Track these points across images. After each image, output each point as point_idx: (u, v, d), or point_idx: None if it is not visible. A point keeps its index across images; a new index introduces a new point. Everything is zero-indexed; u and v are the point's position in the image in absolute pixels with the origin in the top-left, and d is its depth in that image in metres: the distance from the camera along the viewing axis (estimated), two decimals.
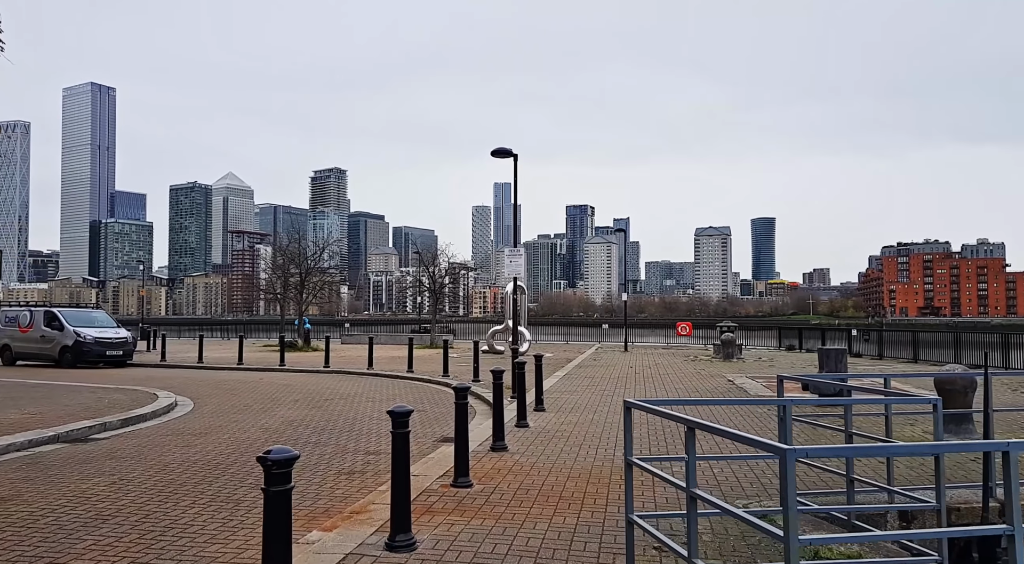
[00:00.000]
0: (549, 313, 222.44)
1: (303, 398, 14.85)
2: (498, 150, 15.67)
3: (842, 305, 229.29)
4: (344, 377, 19.88)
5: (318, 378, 19.58)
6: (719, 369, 21.32)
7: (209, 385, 17.50)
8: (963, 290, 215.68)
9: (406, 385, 17.63)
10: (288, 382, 18.30)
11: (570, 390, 15.42)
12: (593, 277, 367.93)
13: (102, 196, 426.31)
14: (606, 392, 15.03)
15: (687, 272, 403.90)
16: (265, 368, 22.62)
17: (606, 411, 12.23)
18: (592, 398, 14.00)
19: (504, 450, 8.72)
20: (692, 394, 14.73)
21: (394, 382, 18.42)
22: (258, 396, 15.28)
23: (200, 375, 20.70)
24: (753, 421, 11.11)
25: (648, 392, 15.08)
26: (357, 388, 16.85)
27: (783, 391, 7.20)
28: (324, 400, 14.53)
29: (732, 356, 25.08)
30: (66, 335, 23.28)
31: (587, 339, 45.38)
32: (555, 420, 11.18)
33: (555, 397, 14.05)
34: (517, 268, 15.86)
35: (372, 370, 20.86)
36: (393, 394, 15.57)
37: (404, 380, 18.75)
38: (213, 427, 11.18)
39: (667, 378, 18.25)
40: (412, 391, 16.34)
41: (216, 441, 9.91)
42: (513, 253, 15.87)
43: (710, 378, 18.25)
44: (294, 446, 9.11)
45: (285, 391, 16.19)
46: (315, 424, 11.47)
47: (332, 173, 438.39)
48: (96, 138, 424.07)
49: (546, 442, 9.36)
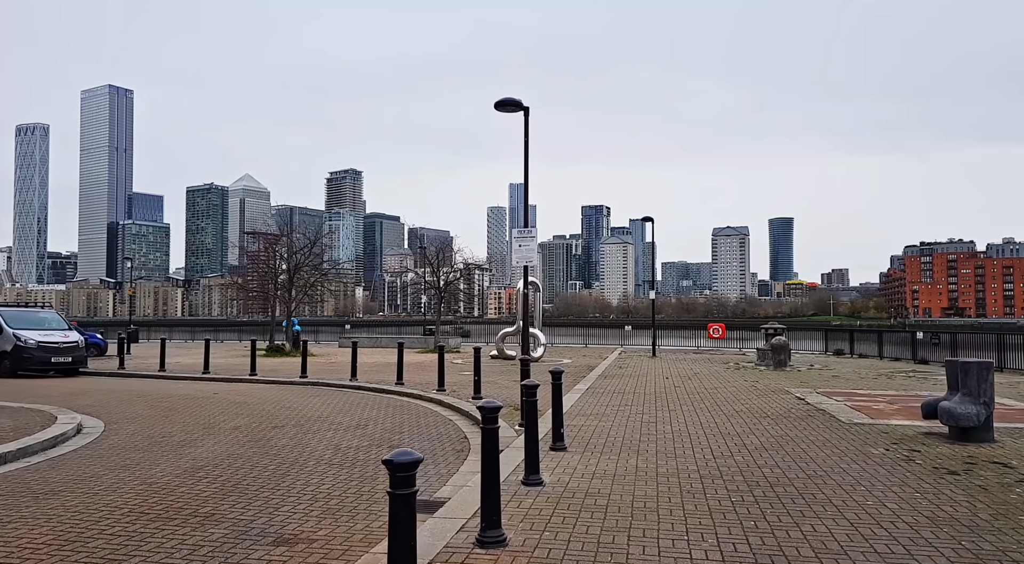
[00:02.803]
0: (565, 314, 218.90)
1: (248, 423, 11.35)
2: (504, 101, 12.08)
3: (863, 306, 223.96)
4: (318, 391, 16.37)
5: (286, 392, 16.08)
6: (775, 381, 17.58)
7: (146, 402, 14.07)
8: (988, 290, 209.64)
9: (389, 403, 14.08)
10: (246, 398, 14.82)
11: (597, 412, 11.81)
12: (609, 278, 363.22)
13: (120, 198, 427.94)
14: (646, 415, 11.40)
15: (704, 273, 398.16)
16: (232, 378, 19.19)
17: (653, 449, 8.61)
18: (630, 425, 10.38)
19: (501, 544, 5.11)
20: (760, 418, 11.08)
21: (377, 398, 14.88)
22: (194, 419, 11.81)
23: (150, 387, 17.29)
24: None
25: (703, 417, 11.43)
26: (326, 407, 13.33)
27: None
28: (274, 427, 11.01)
29: (783, 364, 21.32)
30: (4, 339, 19.97)
31: (608, 342, 41.70)
32: (582, 469, 7.57)
33: (579, 424, 10.44)
34: (528, 254, 12.26)
35: (355, 381, 17.36)
36: (367, 417, 12.03)
37: (390, 395, 15.22)
38: (83, 477, 7.70)
39: (717, 394, 14.56)
40: (394, 413, 12.79)
41: (55, 508, 6.42)
42: (523, 235, 12.24)
43: (771, 394, 14.55)
44: (173, 519, 5.58)
45: (233, 411, 12.70)
46: (234, 471, 7.94)
47: (348, 174, 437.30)
48: (114, 140, 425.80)
49: (572, 521, 5.74)
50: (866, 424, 10.52)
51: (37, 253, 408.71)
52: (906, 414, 11.56)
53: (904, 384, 16.91)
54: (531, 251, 12.38)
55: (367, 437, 10.07)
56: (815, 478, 7.17)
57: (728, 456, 8.26)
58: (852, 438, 9.39)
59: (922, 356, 24.85)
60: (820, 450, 8.61)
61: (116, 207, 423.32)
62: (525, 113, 12.32)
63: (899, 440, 9.24)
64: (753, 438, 9.43)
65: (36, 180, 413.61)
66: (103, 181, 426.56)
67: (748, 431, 9.99)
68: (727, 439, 9.37)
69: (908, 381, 17.72)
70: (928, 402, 9.67)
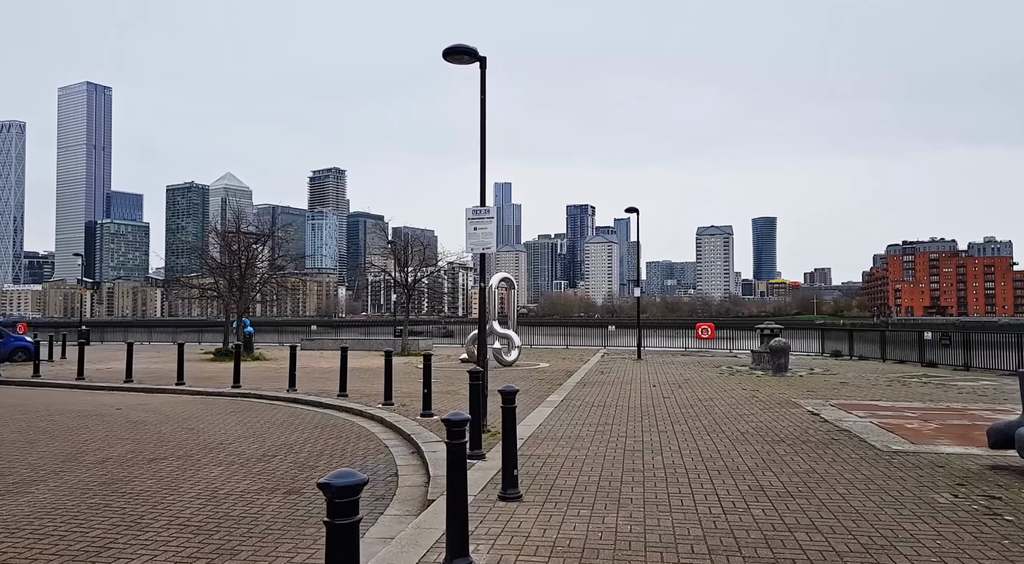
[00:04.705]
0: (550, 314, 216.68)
1: (123, 454, 8.90)
2: (455, 49, 9.70)
3: (846, 305, 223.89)
4: (245, 405, 13.91)
5: (205, 407, 13.61)
6: (778, 390, 15.34)
7: (24, 420, 11.56)
8: (970, 289, 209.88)
9: (320, 422, 11.66)
10: (151, 415, 12.33)
11: (570, 435, 9.48)
12: (594, 277, 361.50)
13: (98, 197, 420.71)
14: (630, 439, 9.08)
15: (688, 272, 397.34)
16: (154, 388, 16.67)
17: (640, 496, 6.29)
18: (609, 455, 8.06)
19: None
20: (773, 443, 8.80)
21: (309, 415, 12.46)
22: (62, 446, 9.35)
23: (49, 399, 14.72)
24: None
25: (702, 441, 9.13)
26: (240, 428, 10.89)
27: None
28: (151, 460, 8.56)
29: (783, 368, 19.10)
30: None
31: (590, 342, 39.42)
32: (537, 537, 5.22)
33: (545, 454, 8.11)
34: (486, 240, 9.88)
35: (293, 392, 14.91)
36: (282, 443, 9.61)
37: (326, 411, 12.79)
38: None
39: (715, 408, 12.28)
40: (319, 436, 10.37)
41: None
42: (478, 216, 9.83)
43: (778, 408, 12.30)
44: None
45: (120, 435, 10.24)
46: (33, 541, 5.51)
47: (331, 173, 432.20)
48: (92, 138, 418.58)
49: None
50: (910, 453, 8.25)
51: (13, 253, 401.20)
52: (951, 436, 9.32)
53: (925, 393, 14.72)
54: (489, 236, 10.02)
55: (264, 476, 7.68)
56: (875, 551, 4.89)
57: (743, 509, 5.96)
58: (901, 476, 7.13)
59: (930, 359, 22.75)
60: (866, 497, 6.33)
61: (94, 206, 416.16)
62: (481, 64, 9.98)
63: (964, 479, 6.98)
64: (771, 476, 7.14)
65: (12, 178, 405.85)
66: (81, 179, 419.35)
67: (762, 464, 7.71)
68: (737, 478, 7.08)
69: (927, 389, 15.54)
70: (998, 427, 7.44)
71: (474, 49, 9.81)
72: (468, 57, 9.83)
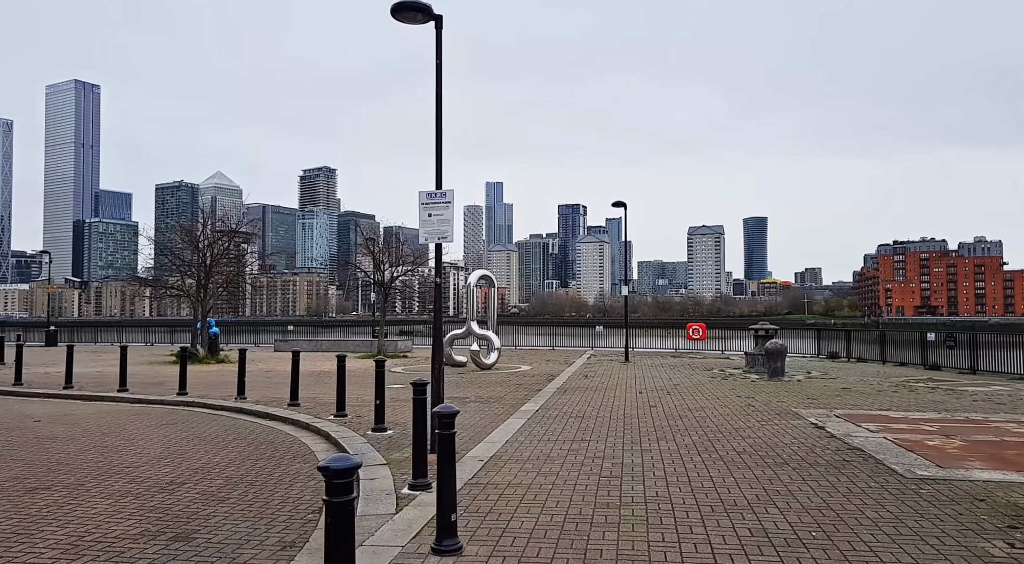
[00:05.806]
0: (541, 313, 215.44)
1: (3, 481, 7.47)
2: (403, 5, 8.32)
3: (837, 304, 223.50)
4: (179, 416, 12.46)
5: (134, 418, 12.15)
6: (776, 397, 14.01)
7: None
8: (960, 289, 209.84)
9: (255, 438, 10.24)
10: (69, 428, 10.86)
11: (538, 455, 8.12)
12: (586, 277, 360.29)
13: (86, 195, 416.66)
14: (608, 462, 7.73)
15: (680, 271, 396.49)
16: (93, 395, 15.20)
17: (613, 551, 4.93)
18: (580, 486, 6.70)
19: None
20: (775, 466, 7.47)
21: (247, 428, 11.04)
22: None
23: None
24: None
25: (691, 463, 7.78)
26: (162, 445, 9.46)
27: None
28: (32, 489, 7.12)
29: (779, 372, 17.78)
30: None
31: (577, 343, 38.03)
32: None
33: (503, 482, 6.75)
34: (442, 228, 8.47)
35: (241, 400, 13.48)
36: (199, 466, 8.20)
37: (268, 423, 11.37)
38: None
39: (706, 420, 10.93)
40: (247, 457, 8.96)
41: None
42: (433, 201, 8.40)
43: (777, 419, 10.96)
44: None
45: (17, 454, 8.78)
46: None
47: (322, 172, 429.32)
48: (80, 136, 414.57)
49: None
50: (940, 480, 6.91)
51: (1, 252, 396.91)
52: (982, 457, 8.00)
53: (936, 400, 13.43)
54: (445, 223, 8.62)
55: (157, 513, 6.27)
56: None
57: None
58: (936, 513, 5.79)
59: (933, 361, 21.51)
60: (899, 546, 4.98)
61: (82, 205, 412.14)
62: (437, 23, 8.58)
63: (1016, 520, 5.62)
64: (775, 515, 5.79)
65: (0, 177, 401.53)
66: (69, 178, 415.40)
67: (764, 496, 6.36)
68: (734, 517, 5.73)
69: (937, 395, 14.26)
70: None
71: (427, 6, 8.43)
72: (421, 15, 8.45)
